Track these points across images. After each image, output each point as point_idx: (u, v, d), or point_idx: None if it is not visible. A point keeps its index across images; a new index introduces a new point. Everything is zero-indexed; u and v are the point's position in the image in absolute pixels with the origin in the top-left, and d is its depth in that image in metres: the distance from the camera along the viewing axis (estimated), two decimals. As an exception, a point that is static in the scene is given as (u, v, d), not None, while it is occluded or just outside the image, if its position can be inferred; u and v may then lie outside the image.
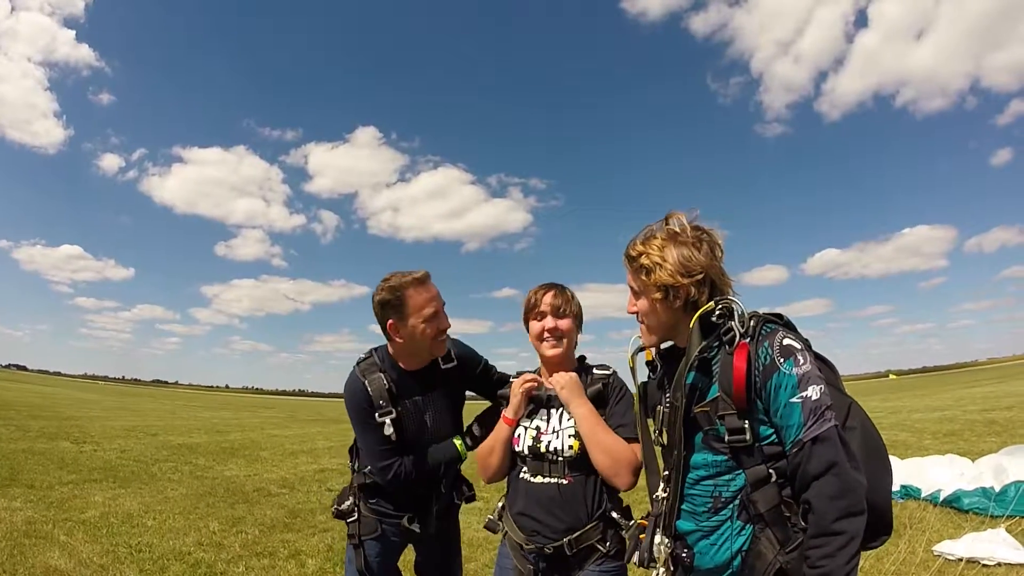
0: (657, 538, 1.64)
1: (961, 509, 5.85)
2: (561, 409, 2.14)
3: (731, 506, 1.53)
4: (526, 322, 2.24)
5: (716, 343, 1.55)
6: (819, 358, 1.57)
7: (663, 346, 1.80)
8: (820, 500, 1.37)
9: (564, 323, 2.16)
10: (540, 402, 2.20)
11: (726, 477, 1.54)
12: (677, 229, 1.66)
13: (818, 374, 1.46)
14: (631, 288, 1.74)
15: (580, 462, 2.05)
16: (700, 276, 1.60)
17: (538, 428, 2.15)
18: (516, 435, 2.17)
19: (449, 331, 2.34)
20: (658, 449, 1.78)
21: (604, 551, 2.03)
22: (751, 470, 1.48)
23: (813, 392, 1.42)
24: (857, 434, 1.48)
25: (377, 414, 2.25)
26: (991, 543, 4.55)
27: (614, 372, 2.21)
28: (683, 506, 1.62)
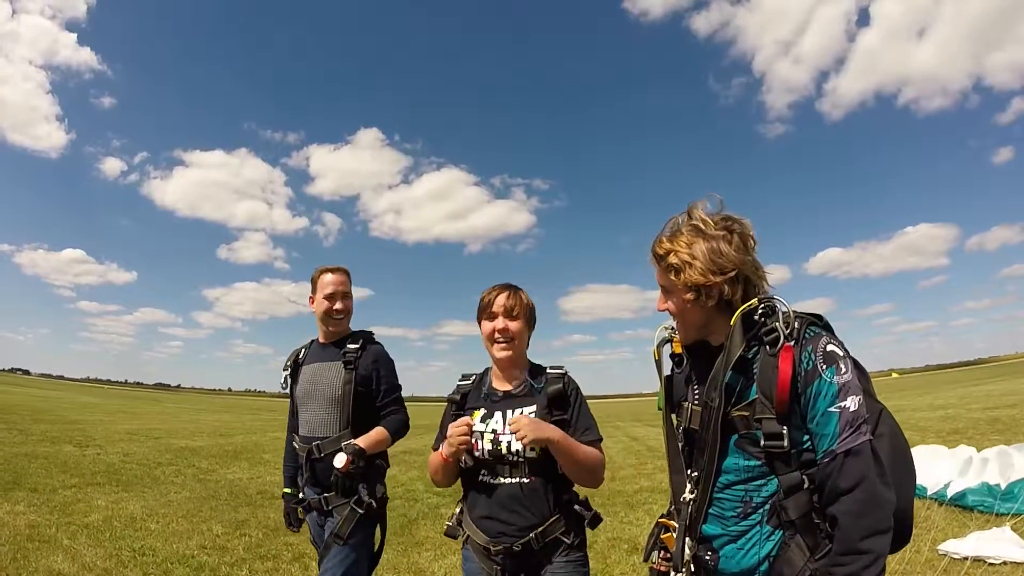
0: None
1: (966, 506, 5.84)
2: (518, 409, 2.12)
3: (761, 511, 1.48)
4: (479, 322, 2.24)
5: (755, 343, 1.48)
6: (853, 362, 1.50)
7: None
8: (847, 517, 1.33)
9: (515, 325, 2.16)
10: (494, 404, 2.17)
11: (758, 482, 1.48)
12: (702, 224, 1.55)
13: (858, 384, 1.42)
14: (660, 286, 1.65)
15: (542, 464, 2.06)
16: (733, 273, 1.50)
17: (495, 431, 2.11)
18: (474, 440, 2.09)
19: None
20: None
21: (569, 543, 2.05)
22: (785, 476, 1.43)
23: (852, 403, 1.38)
24: (886, 441, 1.44)
25: (283, 369, 3.00)
26: (997, 541, 4.53)
27: (566, 372, 2.22)
28: (710, 510, 1.55)
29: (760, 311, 1.48)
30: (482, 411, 2.16)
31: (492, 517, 2.07)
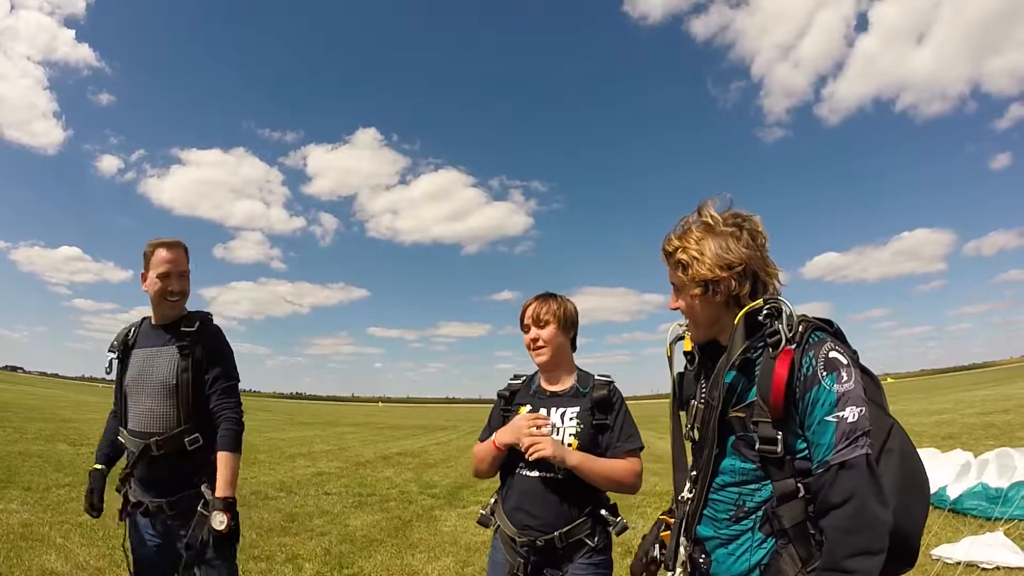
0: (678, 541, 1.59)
1: (960, 511, 5.86)
2: (562, 409, 2.22)
3: (753, 517, 1.45)
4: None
5: (760, 344, 1.45)
6: (864, 372, 1.46)
7: None
8: (835, 532, 1.28)
9: (545, 332, 2.27)
10: (541, 401, 2.28)
11: (752, 486, 1.45)
12: (711, 220, 1.54)
13: (861, 395, 1.35)
14: (672, 284, 1.64)
15: None
16: (740, 269, 1.49)
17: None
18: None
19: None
20: (687, 444, 1.70)
21: (592, 545, 2.12)
22: (779, 483, 1.40)
23: (851, 414, 1.32)
24: (895, 457, 1.38)
25: (108, 351, 2.64)
26: (990, 546, 4.56)
27: (612, 380, 2.30)
28: (704, 510, 1.54)
29: (765, 312, 1.45)
30: (528, 407, 2.28)
31: (522, 509, 2.16)
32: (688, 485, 1.61)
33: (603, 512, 2.17)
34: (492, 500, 2.33)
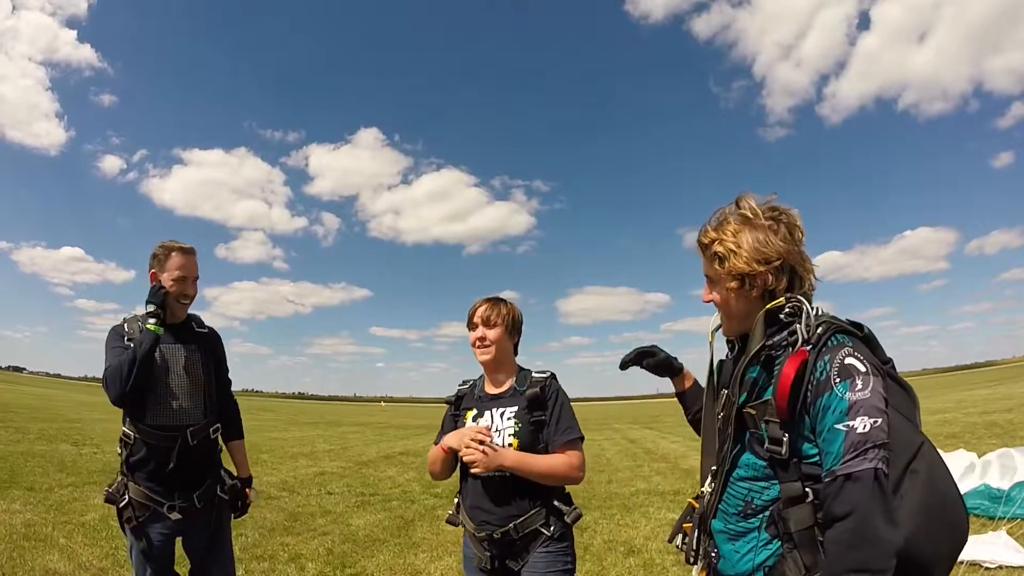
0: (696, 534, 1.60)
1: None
2: (502, 409, 2.33)
3: (761, 516, 1.43)
4: (469, 331, 2.45)
5: (784, 343, 1.43)
6: (897, 382, 1.40)
7: None
8: (835, 545, 1.24)
9: (492, 333, 2.36)
10: (483, 405, 2.39)
11: (762, 484, 1.43)
12: (749, 213, 1.51)
13: (877, 405, 1.28)
14: (706, 276, 1.61)
15: None
16: (778, 263, 1.46)
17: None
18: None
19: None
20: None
21: (549, 534, 2.21)
22: (786, 485, 1.37)
23: (862, 424, 1.25)
24: (919, 479, 1.29)
25: (125, 338, 2.64)
26: (992, 546, 4.55)
27: (552, 375, 2.39)
28: (719, 504, 1.53)
29: (787, 310, 1.43)
30: (474, 411, 2.39)
31: (478, 506, 2.27)
32: (709, 478, 1.61)
33: (556, 503, 2.26)
34: (456, 501, 2.44)
